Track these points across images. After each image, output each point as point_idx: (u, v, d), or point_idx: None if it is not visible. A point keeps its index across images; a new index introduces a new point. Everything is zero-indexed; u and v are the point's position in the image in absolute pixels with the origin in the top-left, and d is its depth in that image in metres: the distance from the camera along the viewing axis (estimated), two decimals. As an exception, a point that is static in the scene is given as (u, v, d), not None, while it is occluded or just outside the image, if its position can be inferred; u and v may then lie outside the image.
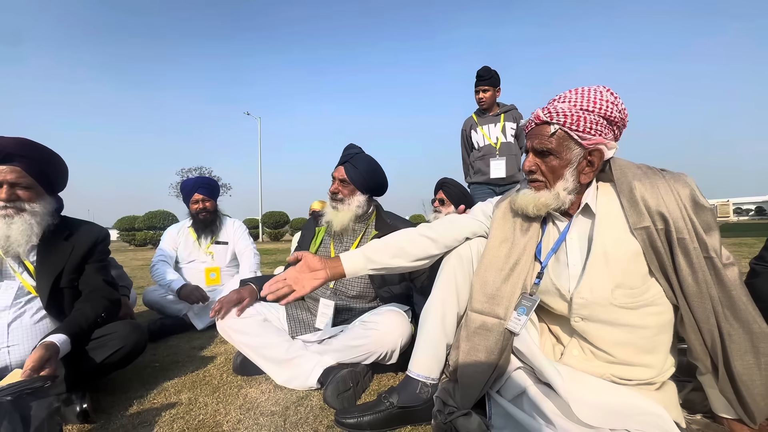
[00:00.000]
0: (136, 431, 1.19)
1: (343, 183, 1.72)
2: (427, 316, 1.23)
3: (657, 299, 0.97)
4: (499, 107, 3.20)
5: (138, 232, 17.42)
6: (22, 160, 1.31)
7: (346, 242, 1.76)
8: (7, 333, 1.28)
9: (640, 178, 0.99)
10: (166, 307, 2.46)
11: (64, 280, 1.41)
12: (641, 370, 0.99)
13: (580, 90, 1.03)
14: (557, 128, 1.01)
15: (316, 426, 1.20)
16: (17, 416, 0.84)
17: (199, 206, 2.60)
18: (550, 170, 1.04)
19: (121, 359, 1.39)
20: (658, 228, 0.94)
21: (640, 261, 0.97)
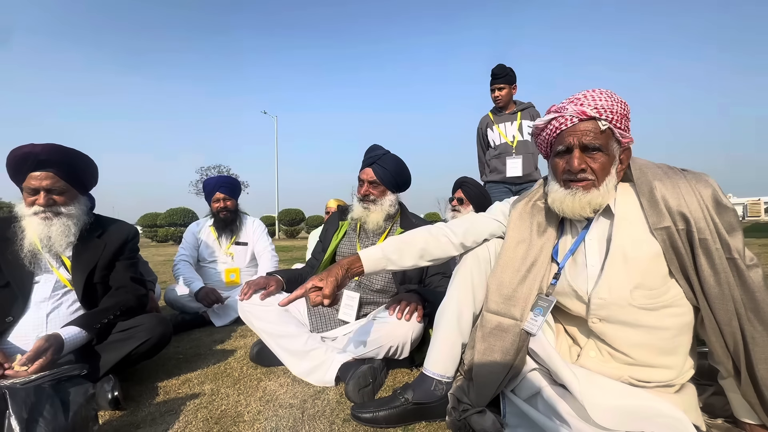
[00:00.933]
0: (163, 419, 1.25)
1: (373, 184, 1.76)
2: (443, 315, 1.24)
3: (677, 300, 0.95)
4: (516, 105, 3.16)
5: (160, 229, 17.96)
6: (54, 166, 1.39)
7: (373, 238, 1.80)
8: (46, 323, 1.37)
9: (661, 177, 0.98)
10: (185, 306, 2.53)
11: (97, 276, 1.50)
12: (660, 371, 0.98)
13: (598, 90, 1.03)
14: (607, 125, 1.00)
15: (333, 419, 1.23)
16: (58, 401, 0.91)
17: (221, 205, 2.66)
18: (601, 167, 1.01)
19: (148, 350, 1.46)
20: (679, 228, 0.93)
21: (660, 262, 0.96)
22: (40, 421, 0.85)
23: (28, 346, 1.29)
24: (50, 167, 1.38)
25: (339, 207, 2.02)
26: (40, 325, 1.36)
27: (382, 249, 1.25)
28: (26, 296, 1.37)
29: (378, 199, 1.76)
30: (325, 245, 1.88)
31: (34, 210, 1.39)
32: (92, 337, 1.34)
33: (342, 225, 1.88)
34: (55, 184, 1.40)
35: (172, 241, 17.11)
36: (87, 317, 1.36)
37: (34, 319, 1.36)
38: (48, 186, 1.39)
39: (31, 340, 1.32)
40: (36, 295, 1.39)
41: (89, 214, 1.53)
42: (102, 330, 1.38)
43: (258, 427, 1.19)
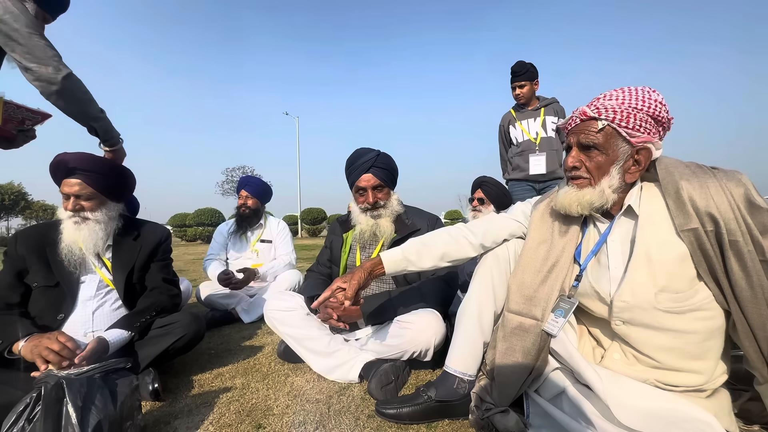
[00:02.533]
0: (198, 410, 1.33)
1: (377, 189, 1.68)
2: (464, 314, 1.25)
3: (706, 304, 0.93)
4: (539, 101, 3.10)
5: (189, 229, 18.67)
6: (83, 174, 1.49)
7: (369, 248, 1.77)
8: (92, 320, 1.48)
9: (688, 177, 0.94)
10: (215, 302, 2.64)
11: (135, 276, 1.60)
12: (689, 376, 0.96)
13: (627, 89, 1.01)
14: (605, 124, 1.00)
15: (358, 414, 1.27)
16: (107, 391, 0.99)
17: (243, 201, 2.82)
18: (596, 166, 1.02)
19: (184, 345, 1.54)
20: (708, 230, 0.90)
21: (687, 264, 0.93)
22: (92, 409, 0.93)
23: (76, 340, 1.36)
24: (79, 175, 1.48)
25: (340, 218, 1.95)
26: (86, 322, 1.47)
27: (402, 251, 1.27)
28: (74, 295, 1.48)
29: (387, 203, 1.70)
30: (334, 257, 1.84)
31: (68, 214, 1.50)
32: (134, 336, 1.44)
33: (346, 237, 1.82)
34: (83, 190, 1.49)
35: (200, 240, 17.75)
36: (127, 318, 1.46)
37: (81, 316, 1.47)
38: (76, 192, 1.48)
39: (79, 336, 1.42)
40: (82, 294, 1.49)
41: (119, 218, 1.62)
42: (142, 329, 1.48)
43: (287, 420, 1.25)
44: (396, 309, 1.55)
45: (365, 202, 1.69)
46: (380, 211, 1.68)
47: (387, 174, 1.70)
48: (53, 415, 0.88)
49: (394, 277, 1.71)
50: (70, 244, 1.49)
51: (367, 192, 1.68)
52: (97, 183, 1.52)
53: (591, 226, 1.13)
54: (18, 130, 1.51)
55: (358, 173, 1.67)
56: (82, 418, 0.90)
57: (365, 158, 1.68)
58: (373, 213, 1.68)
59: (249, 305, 2.60)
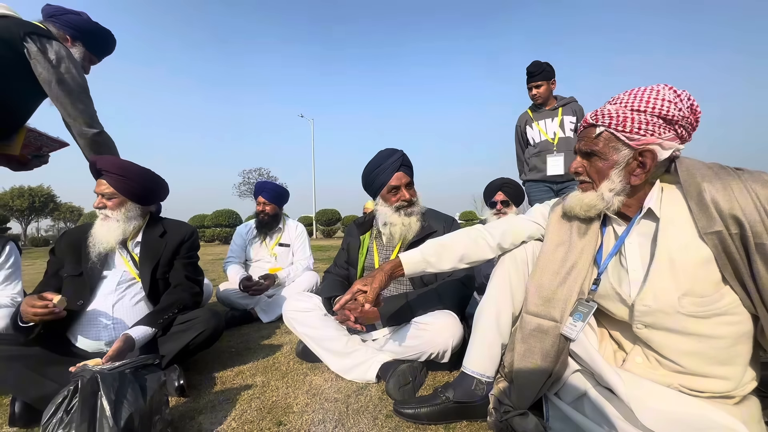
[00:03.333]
0: (221, 406, 1.37)
1: (408, 187, 1.70)
2: (482, 316, 1.26)
3: (732, 308, 0.90)
4: (557, 100, 3.05)
5: (207, 230, 19.11)
6: (108, 175, 1.62)
7: (387, 249, 1.78)
8: (112, 311, 1.55)
9: (711, 179, 0.92)
10: (235, 302, 2.71)
11: (159, 272, 1.67)
12: (715, 382, 0.93)
13: (634, 90, 1.01)
14: (602, 130, 1.02)
15: (376, 414, 1.29)
16: (137, 386, 1.03)
17: (260, 208, 2.86)
18: (596, 171, 1.05)
19: (204, 340, 1.59)
20: (732, 232, 0.88)
21: (712, 268, 0.91)
22: (124, 403, 0.97)
23: (96, 332, 1.50)
24: (105, 176, 1.62)
25: (357, 220, 1.96)
26: (107, 313, 1.54)
27: (421, 252, 1.28)
28: (94, 284, 1.57)
29: (417, 201, 1.73)
30: (351, 259, 1.85)
31: (97, 211, 1.65)
32: (158, 332, 1.50)
33: (363, 240, 1.83)
34: (106, 190, 1.62)
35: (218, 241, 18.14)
36: (151, 315, 1.52)
37: (102, 308, 1.54)
38: (101, 191, 1.62)
39: (99, 327, 1.51)
40: (104, 287, 1.57)
41: (143, 218, 1.72)
42: (165, 326, 1.54)
43: (306, 418, 1.27)
44: (413, 310, 1.56)
45: (401, 199, 1.68)
46: (413, 209, 1.70)
47: (412, 172, 1.74)
48: (89, 407, 0.93)
49: (411, 279, 1.72)
50: (96, 238, 1.61)
51: (401, 189, 1.68)
52: (118, 185, 1.62)
53: (609, 228, 1.12)
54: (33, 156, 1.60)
55: (390, 172, 1.67)
56: (115, 411, 0.94)
57: (394, 158, 1.69)
58: (407, 211, 1.68)
59: (267, 305, 2.66)
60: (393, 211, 1.69)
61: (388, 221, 1.69)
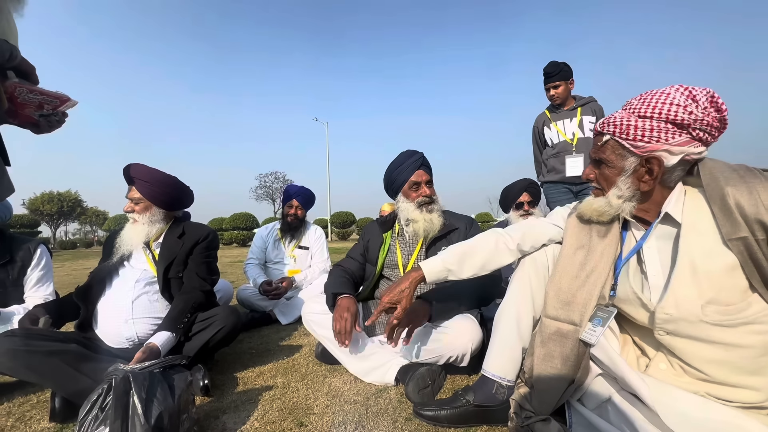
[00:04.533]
0: (244, 406, 1.40)
1: (429, 184, 1.77)
2: (501, 319, 1.25)
3: (761, 317, 0.86)
4: (576, 101, 3.00)
5: (225, 232, 19.53)
6: (138, 182, 1.72)
7: (410, 247, 1.80)
8: (132, 308, 1.59)
9: (735, 182, 0.88)
10: (254, 304, 2.77)
11: (172, 271, 1.72)
12: (744, 392, 0.90)
13: (645, 94, 0.98)
14: (608, 138, 1.02)
15: (396, 417, 1.29)
16: (166, 385, 1.07)
17: (293, 211, 2.94)
18: (604, 178, 1.07)
19: (223, 338, 1.62)
20: (759, 238, 0.84)
21: (738, 275, 0.87)
22: (154, 401, 1.01)
23: (117, 327, 1.56)
24: (136, 183, 1.73)
25: (379, 219, 1.99)
26: (127, 309, 1.58)
27: (442, 261, 1.29)
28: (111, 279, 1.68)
29: (437, 198, 1.77)
30: (371, 257, 1.87)
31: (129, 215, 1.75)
32: (180, 337, 1.54)
33: (386, 237, 1.86)
34: (134, 195, 1.73)
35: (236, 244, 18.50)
36: (170, 320, 1.54)
37: (122, 304, 1.59)
38: (131, 197, 1.74)
39: (120, 322, 1.56)
40: (124, 284, 1.64)
41: (166, 221, 1.81)
42: (186, 329, 1.58)
43: (327, 420, 1.29)
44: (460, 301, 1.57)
45: (422, 195, 1.73)
46: (433, 206, 1.75)
47: (432, 173, 1.79)
48: (122, 405, 0.97)
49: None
50: (123, 239, 1.73)
51: (422, 186, 1.74)
52: (146, 191, 1.72)
53: (630, 232, 1.10)
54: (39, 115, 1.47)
55: (411, 170, 1.74)
56: (146, 409, 0.98)
57: (414, 157, 1.77)
58: (428, 208, 1.73)
59: (286, 307, 2.70)
60: (415, 207, 1.73)
61: (411, 218, 1.73)
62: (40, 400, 1.50)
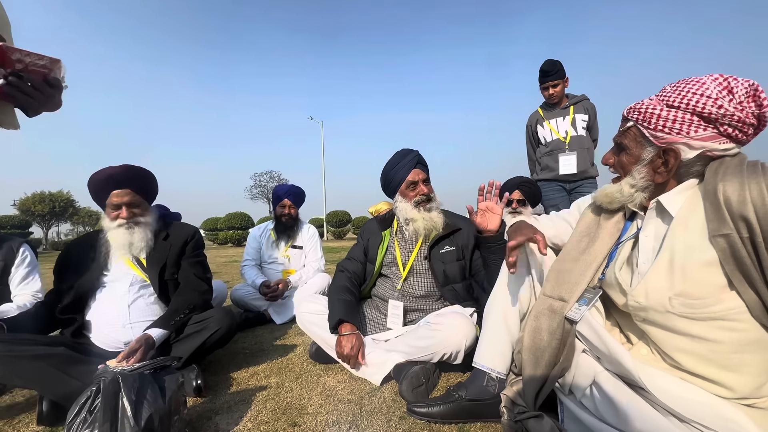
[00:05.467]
0: (237, 407, 1.39)
1: (426, 182, 1.76)
2: (490, 312, 1.29)
3: (733, 314, 0.85)
4: (568, 99, 3.02)
5: (220, 232, 19.42)
6: (130, 184, 1.65)
7: (410, 244, 1.82)
8: (129, 313, 1.58)
9: (730, 178, 0.86)
10: (249, 304, 2.76)
11: (167, 273, 1.71)
12: (716, 387, 0.89)
13: (680, 81, 0.95)
14: (632, 124, 1.01)
15: (389, 416, 1.29)
16: (157, 387, 1.06)
17: (285, 211, 2.91)
18: (621, 165, 1.06)
19: (219, 339, 1.61)
20: (743, 236, 0.82)
21: (715, 271, 0.86)
22: (144, 403, 1.00)
23: (114, 332, 1.54)
24: (127, 185, 1.64)
25: (377, 216, 1.99)
26: (123, 315, 1.57)
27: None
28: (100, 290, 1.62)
29: (434, 196, 1.77)
30: (370, 255, 1.88)
31: (118, 222, 1.64)
32: (171, 333, 1.53)
33: (385, 235, 1.87)
34: (133, 199, 1.66)
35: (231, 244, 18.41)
36: (164, 318, 1.55)
37: (118, 309, 1.57)
38: (128, 201, 1.64)
39: (117, 327, 1.55)
40: (117, 290, 1.61)
41: (158, 220, 1.78)
42: (179, 327, 1.58)
43: (321, 419, 1.28)
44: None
45: (419, 194, 1.73)
46: (431, 204, 1.75)
47: (428, 170, 1.79)
48: (111, 407, 0.96)
49: (435, 276, 1.72)
50: (123, 247, 1.63)
51: (419, 184, 1.74)
52: (142, 190, 1.68)
53: (634, 222, 1.11)
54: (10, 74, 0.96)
55: (407, 169, 1.73)
56: (136, 411, 0.97)
57: (410, 156, 1.76)
58: (426, 206, 1.73)
59: (280, 307, 2.69)
60: (412, 206, 1.73)
61: (409, 217, 1.73)
62: (29, 403, 1.48)
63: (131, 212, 1.65)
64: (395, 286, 1.78)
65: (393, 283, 1.81)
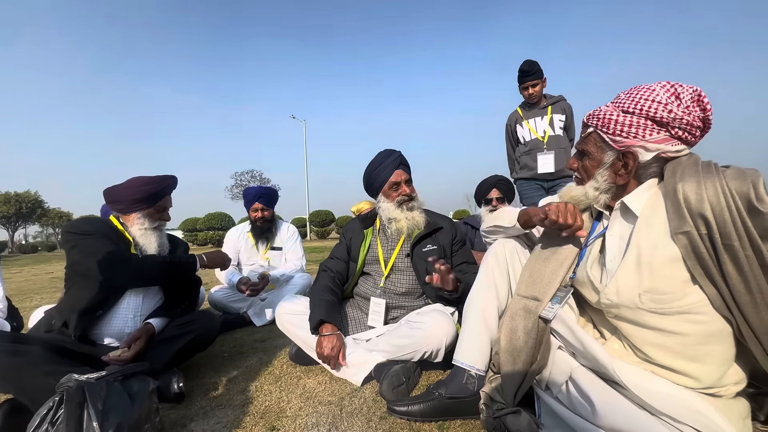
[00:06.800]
0: (213, 413, 1.35)
1: (408, 183, 1.77)
2: (469, 311, 1.30)
3: (697, 308, 0.90)
4: (546, 99, 3.08)
5: (200, 233, 18.93)
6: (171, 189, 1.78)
7: (392, 243, 1.82)
8: (141, 305, 1.65)
9: (688, 178, 0.91)
10: (228, 306, 2.70)
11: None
12: (684, 379, 0.93)
13: (633, 89, 1.01)
14: (592, 130, 1.06)
15: (370, 416, 1.28)
16: (126, 395, 1.01)
17: (258, 215, 2.80)
18: (584, 169, 1.11)
19: (201, 342, 1.65)
20: (702, 233, 0.87)
21: (679, 267, 0.91)
22: (112, 412, 0.95)
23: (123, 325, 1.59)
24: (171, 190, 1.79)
25: (360, 216, 1.99)
26: (138, 306, 1.64)
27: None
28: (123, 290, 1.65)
29: (417, 196, 1.78)
30: (353, 254, 1.87)
31: (158, 224, 1.75)
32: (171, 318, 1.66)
33: (367, 233, 1.87)
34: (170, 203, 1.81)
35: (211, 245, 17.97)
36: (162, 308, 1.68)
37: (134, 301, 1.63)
38: (169, 206, 1.80)
39: (129, 317, 1.61)
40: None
41: None
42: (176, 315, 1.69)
43: (300, 422, 1.26)
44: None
45: (402, 194, 1.74)
46: (413, 203, 1.76)
47: (410, 171, 1.80)
48: (75, 418, 0.91)
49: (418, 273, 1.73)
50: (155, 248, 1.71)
51: (401, 185, 1.75)
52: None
53: (600, 222, 1.15)
54: None
55: (390, 170, 1.74)
56: (103, 422, 0.93)
57: (393, 157, 1.76)
58: (408, 205, 1.74)
59: (260, 308, 2.63)
60: (395, 206, 1.74)
61: (392, 217, 1.74)
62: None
63: (168, 216, 1.78)
64: (377, 284, 1.78)
65: (375, 280, 1.80)
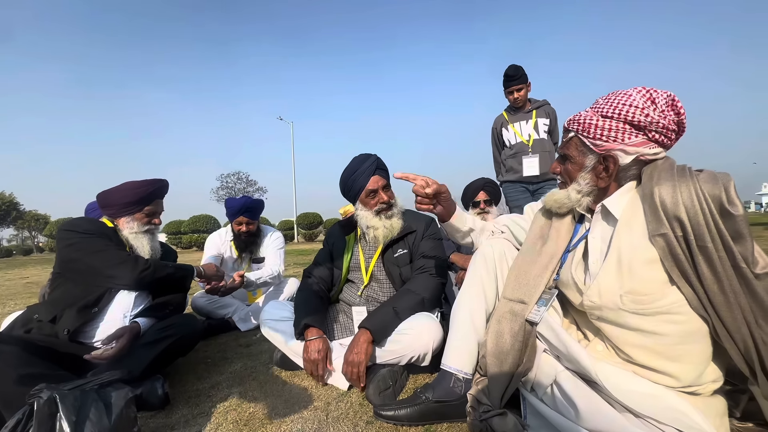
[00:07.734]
0: (195, 420, 1.32)
1: (386, 189, 1.72)
2: (457, 313, 1.30)
3: (676, 308, 0.92)
4: (531, 103, 3.13)
5: (184, 236, 18.55)
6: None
7: (371, 249, 1.80)
8: (132, 306, 1.65)
9: (664, 181, 0.94)
10: (211, 312, 2.61)
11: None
12: (665, 378, 0.95)
13: (611, 94, 1.03)
14: (573, 135, 1.08)
15: (356, 421, 1.27)
16: (102, 404, 0.98)
17: (243, 228, 2.64)
18: (566, 173, 1.12)
19: (182, 346, 1.64)
20: (677, 234, 0.90)
21: (657, 268, 0.93)
22: (87, 423, 0.92)
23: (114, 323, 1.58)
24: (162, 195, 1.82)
25: (341, 221, 1.97)
26: (128, 307, 1.65)
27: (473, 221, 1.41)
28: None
29: (395, 202, 1.75)
30: (337, 261, 1.85)
31: (148, 228, 1.75)
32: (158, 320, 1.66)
33: (348, 240, 1.85)
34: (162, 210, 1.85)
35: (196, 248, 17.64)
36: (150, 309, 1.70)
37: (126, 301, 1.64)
38: (160, 210, 1.82)
39: (118, 317, 1.61)
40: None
41: None
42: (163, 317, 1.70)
43: (285, 428, 1.24)
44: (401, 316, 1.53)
45: (380, 203, 1.69)
46: (392, 210, 1.72)
47: (388, 175, 1.76)
48: (46, 430, 0.87)
49: (392, 280, 1.71)
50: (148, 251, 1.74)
51: (379, 192, 1.69)
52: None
53: (583, 225, 1.16)
54: None
55: (366, 177, 1.67)
56: (77, 433, 0.89)
57: (368, 162, 1.69)
58: (387, 213, 1.70)
59: (245, 314, 2.59)
60: (373, 215, 1.70)
61: (370, 225, 1.70)
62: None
63: (159, 221, 1.82)
64: (358, 292, 1.77)
65: (357, 288, 1.79)
